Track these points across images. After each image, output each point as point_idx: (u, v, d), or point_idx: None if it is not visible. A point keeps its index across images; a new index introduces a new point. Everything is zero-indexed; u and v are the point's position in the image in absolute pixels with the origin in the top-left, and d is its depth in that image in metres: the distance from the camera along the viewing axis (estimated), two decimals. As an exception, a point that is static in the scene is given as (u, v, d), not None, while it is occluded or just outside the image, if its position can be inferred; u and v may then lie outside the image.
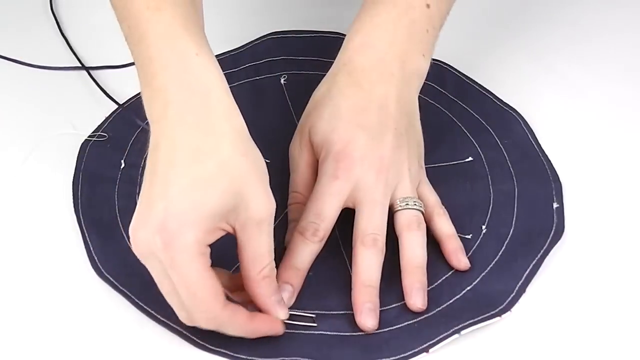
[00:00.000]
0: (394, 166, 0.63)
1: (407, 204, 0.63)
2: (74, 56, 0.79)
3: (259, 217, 0.55)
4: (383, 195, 0.62)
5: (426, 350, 0.58)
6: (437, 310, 0.60)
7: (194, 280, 0.53)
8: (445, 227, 0.65)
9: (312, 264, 0.62)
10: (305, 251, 0.61)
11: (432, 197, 0.66)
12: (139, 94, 0.74)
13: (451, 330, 0.58)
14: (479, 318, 0.59)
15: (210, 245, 0.54)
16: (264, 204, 0.55)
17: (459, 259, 0.63)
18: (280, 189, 0.64)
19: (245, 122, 0.57)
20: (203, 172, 0.53)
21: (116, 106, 0.74)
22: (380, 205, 0.62)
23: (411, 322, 0.60)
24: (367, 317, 0.59)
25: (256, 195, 0.54)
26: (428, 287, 0.62)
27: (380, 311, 0.60)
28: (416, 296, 0.61)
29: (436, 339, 0.58)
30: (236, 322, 0.56)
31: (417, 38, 0.67)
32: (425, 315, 0.60)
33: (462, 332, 0.58)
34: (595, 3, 0.88)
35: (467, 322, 0.59)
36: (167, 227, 0.52)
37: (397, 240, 0.63)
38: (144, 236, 0.53)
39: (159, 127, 0.55)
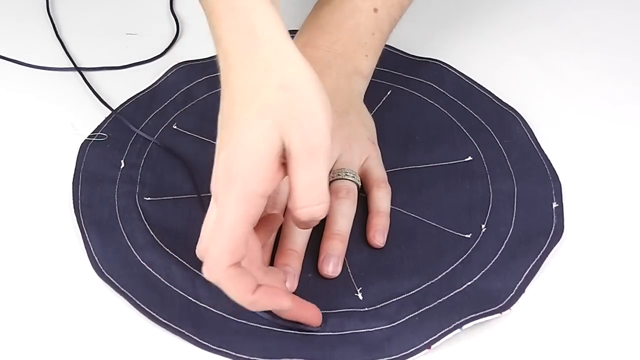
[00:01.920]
0: (335, 143, 0.63)
1: (338, 175, 0.65)
2: (73, 58, 0.80)
3: (298, 151, 0.52)
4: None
5: (428, 346, 0.58)
6: (438, 302, 0.60)
7: (228, 223, 0.52)
8: (380, 202, 0.65)
9: (309, 266, 0.62)
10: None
11: (377, 172, 0.67)
12: (131, 98, 0.75)
13: (453, 325, 0.58)
14: (480, 313, 0.59)
15: None
16: (306, 138, 0.52)
17: (376, 236, 0.64)
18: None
19: None
20: (251, 114, 0.52)
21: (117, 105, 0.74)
22: None
23: (413, 315, 0.60)
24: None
25: (299, 129, 0.52)
26: (429, 281, 0.62)
27: (382, 307, 0.60)
28: (327, 263, 0.62)
29: (438, 334, 0.58)
30: (240, 284, 0.54)
31: (362, 40, 0.70)
32: (426, 307, 0.60)
33: (464, 327, 0.58)
34: (595, 3, 0.88)
35: (468, 317, 0.59)
36: (228, 173, 0.52)
37: (396, 239, 0.64)
38: (214, 182, 0.54)
39: (222, 77, 0.55)
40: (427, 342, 0.58)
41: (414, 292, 0.61)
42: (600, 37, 0.84)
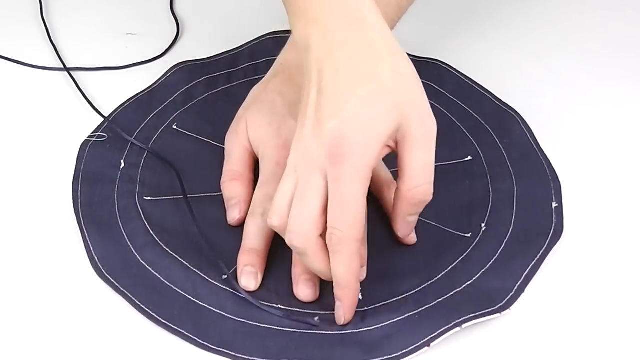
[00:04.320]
0: None
1: None
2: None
3: (416, 133, 0.56)
4: None
5: (427, 344, 0.58)
6: (437, 301, 0.60)
7: (352, 199, 0.55)
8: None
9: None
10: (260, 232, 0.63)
11: (383, 174, 0.67)
12: (131, 99, 0.75)
13: (452, 324, 0.58)
14: (480, 312, 0.59)
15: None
16: (423, 121, 0.56)
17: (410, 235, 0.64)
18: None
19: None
20: (368, 93, 0.55)
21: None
22: None
23: (412, 313, 0.60)
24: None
25: (416, 113, 0.56)
26: (429, 280, 0.62)
27: (382, 305, 0.60)
28: None
29: (437, 332, 0.58)
30: (352, 262, 0.56)
31: None
32: (426, 306, 0.60)
33: (464, 325, 0.58)
34: (595, 3, 0.88)
35: (468, 316, 0.59)
36: (342, 145, 0.55)
37: (396, 239, 0.64)
38: (317, 151, 0.55)
39: (319, 53, 0.57)
40: (426, 340, 0.58)
41: (413, 291, 0.61)
42: (600, 37, 0.84)
